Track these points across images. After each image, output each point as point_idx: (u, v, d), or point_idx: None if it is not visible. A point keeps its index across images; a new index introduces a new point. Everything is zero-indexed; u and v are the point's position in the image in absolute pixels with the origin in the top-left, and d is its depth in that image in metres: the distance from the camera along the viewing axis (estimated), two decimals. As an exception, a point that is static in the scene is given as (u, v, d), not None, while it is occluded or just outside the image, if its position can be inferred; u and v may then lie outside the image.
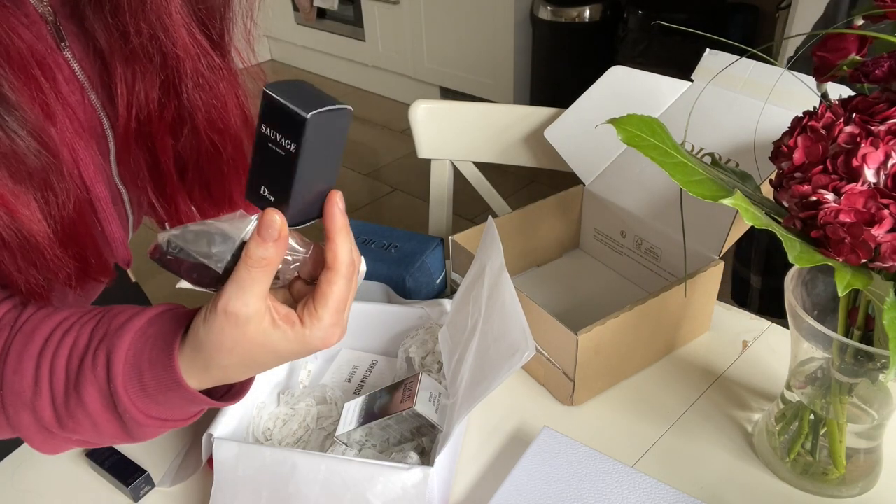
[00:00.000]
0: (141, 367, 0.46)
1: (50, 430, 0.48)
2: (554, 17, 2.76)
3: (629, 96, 0.96)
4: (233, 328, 0.44)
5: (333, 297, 0.45)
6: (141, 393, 0.47)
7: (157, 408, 0.48)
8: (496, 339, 0.60)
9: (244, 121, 0.64)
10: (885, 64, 0.50)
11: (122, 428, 0.48)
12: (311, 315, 0.45)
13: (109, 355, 0.46)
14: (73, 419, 0.47)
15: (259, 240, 0.43)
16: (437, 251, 0.89)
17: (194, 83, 0.59)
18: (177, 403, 0.48)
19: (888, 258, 0.47)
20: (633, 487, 0.62)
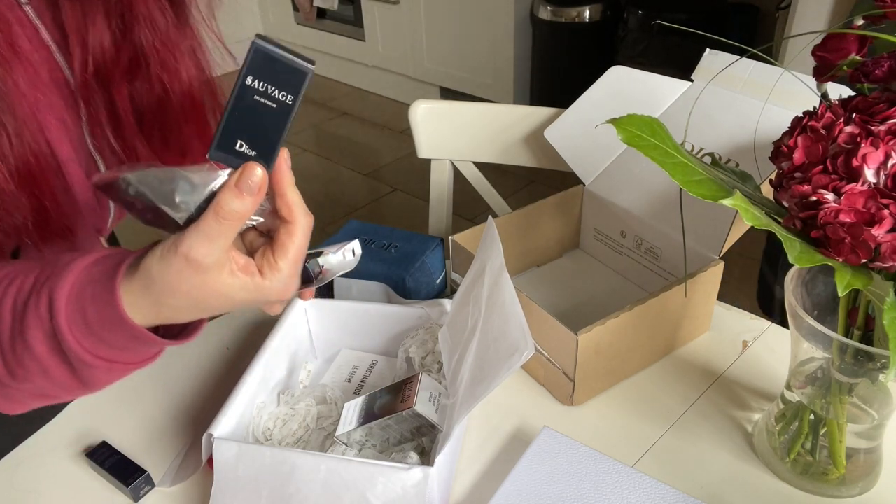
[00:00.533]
0: (83, 304, 0.45)
1: (2, 382, 0.48)
2: (554, 17, 2.76)
3: (629, 96, 0.96)
4: (192, 274, 0.44)
5: (294, 247, 0.46)
6: (85, 330, 0.46)
7: (103, 347, 0.47)
8: (496, 339, 0.60)
9: (200, 71, 0.65)
10: (885, 64, 0.50)
11: (72, 372, 0.47)
12: (272, 266, 0.46)
13: (52, 293, 0.45)
14: (22, 366, 0.47)
15: (236, 191, 0.43)
16: (437, 251, 0.89)
17: (147, 24, 0.59)
18: (123, 342, 0.47)
19: (888, 258, 0.47)
20: (633, 487, 0.62)
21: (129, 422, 0.76)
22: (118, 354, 0.48)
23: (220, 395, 0.78)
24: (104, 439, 0.73)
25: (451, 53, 3.13)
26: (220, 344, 0.87)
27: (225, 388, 0.79)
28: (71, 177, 0.60)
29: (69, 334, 0.45)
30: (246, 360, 0.72)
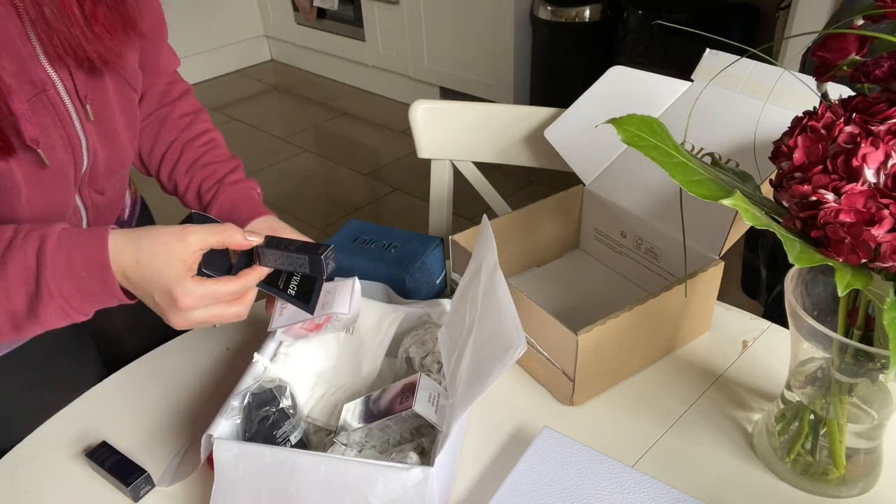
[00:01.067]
0: (71, 246, 0.57)
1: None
2: (554, 17, 2.76)
3: (629, 96, 0.96)
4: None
5: (221, 284, 0.61)
6: (66, 266, 0.57)
7: (71, 283, 0.57)
8: (490, 337, 0.60)
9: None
10: (885, 64, 0.50)
11: (29, 301, 0.57)
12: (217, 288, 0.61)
13: (43, 236, 0.57)
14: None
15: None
16: (437, 251, 0.89)
17: None
18: (91, 283, 0.58)
19: (888, 258, 0.47)
20: (633, 487, 0.62)
21: (129, 422, 0.76)
22: (75, 297, 0.58)
23: (220, 395, 0.78)
24: (104, 439, 0.73)
25: (451, 53, 3.13)
26: (220, 344, 0.87)
27: (225, 388, 0.79)
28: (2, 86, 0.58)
29: (51, 265, 0.56)
30: (246, 360, 0.72)
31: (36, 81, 0.61)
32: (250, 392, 0.66)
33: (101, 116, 0.68)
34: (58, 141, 0.64)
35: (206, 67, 3.88)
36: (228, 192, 0.80)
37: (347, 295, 0.71)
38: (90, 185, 0.72)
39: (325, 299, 0.71)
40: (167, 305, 0.60)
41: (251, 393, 0.66)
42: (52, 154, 0.63)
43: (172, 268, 0.59)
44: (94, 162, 0.69)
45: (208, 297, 0.60)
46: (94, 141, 0.68)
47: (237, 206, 0.79)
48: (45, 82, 0.61)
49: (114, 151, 0.72)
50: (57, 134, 0.64)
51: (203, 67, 3.86)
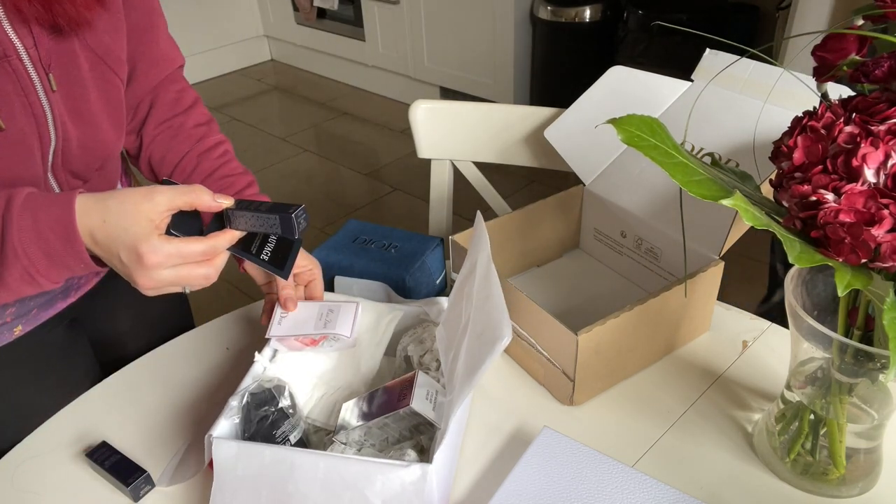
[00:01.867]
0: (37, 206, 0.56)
1: None
2: (554, 17, 2.76)
3: (629, 96, 0.96)
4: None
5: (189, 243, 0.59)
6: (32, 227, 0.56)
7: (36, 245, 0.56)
8: (482, 331, 0.60)
9: None
10: (885, 64, 0.50)
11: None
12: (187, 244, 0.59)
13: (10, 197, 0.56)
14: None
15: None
16: (437, 251, 0.89)
17: None
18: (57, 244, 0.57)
19: (888, 258, 0.47)
20: (633, 487, 0.62)
21: (129, 422, 0.76)
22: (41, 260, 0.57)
23: (220, 395, 0.78)
24: (104, 439, 0.73)
25: (451, 53, 3.13)
26: (220, 344, 0.87)
27: (225, 388, 0.79)
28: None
29: (17, 222, 0.55)
30: (246, 360, 0.72)
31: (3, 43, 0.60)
32: (249, 392, 0.66)
33: (70, 91, 0.67)
34: (19, 109, 0.63)
35: (206, 67, 3.88)
36: None
37: (350, 318, 0.72)
38: (65, 166, 0.70)
39: (327, 318, 0.72)
40: (133, 264, 0.58)
41: (250, 393, 0.66)
42: (11, 121, 0.63)
43: (138, 225, 0.57)
44: (65, 139, 0.68)
45: (175, 256, 0.58)
46: (62, 115, 0.67)
47: None
48: (6, 48, 0.61)
49: (89, 132, 0.71)
50: (18, 102, 0.63)
51: (203, 67, 3.86)
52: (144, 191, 0.58)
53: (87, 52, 0.68)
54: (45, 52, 0.64)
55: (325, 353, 0.75)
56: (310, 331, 0.71)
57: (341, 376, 0.75)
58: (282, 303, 0.73)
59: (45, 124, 0.66)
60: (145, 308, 0.92)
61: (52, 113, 0.66)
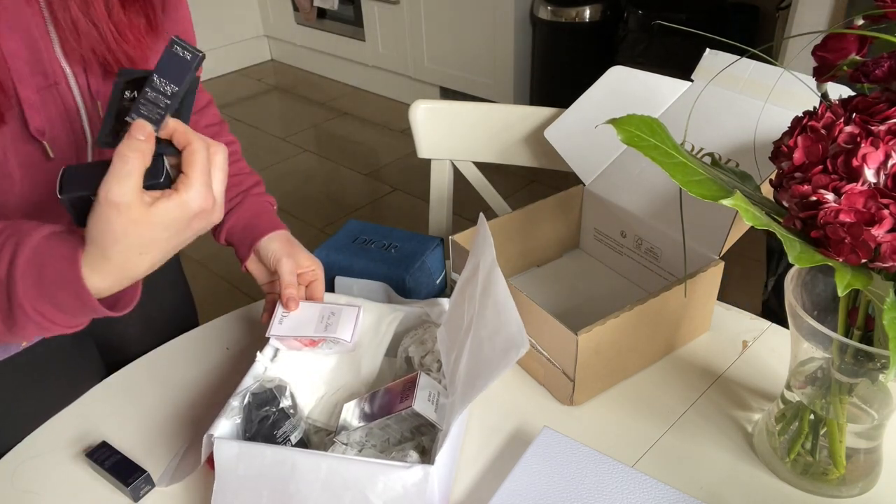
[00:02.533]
0: (43, 260, 0.51)
1: None
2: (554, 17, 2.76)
3: (629, 96, 0.96)
4: (118, 215, 0.49)
5: (196, 158, 0.51)
6: (37, 284, 0.51)
7: (47, 304, 0.52)
8: (490, 336, 0.60)
9: None
10: (885, 64, 0.50)
11: (4, 318, 0.52)
12: (182, 180, 0.51)
13: (17, 245, 0.51)
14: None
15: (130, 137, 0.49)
16: (437, 251, 0.89)
17: None
18: (68, 302, 0.52)
19: (888, 258, 0.47)
20: (633, 487, 0.62)
21: (129, 422, 0.76)
22: (55, 314, 0.53)
23: (221, 395, 0.78)
24: (104, 439, 0.73)
25: (451, 53, 3.13)
26: (220, 344, 0.87)
27: (225, 388, 0.79)
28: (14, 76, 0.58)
29: (20, 281, 0.50)
30: (246, 360, 0.72)
31: (48, 73, 0.61)
32: (250, 392, 0.66)
33: None
34: (62, 134, 0.64)
35: (206, 67, 3.87)
36: (252, 202, 0.83)
37: (352, 322, 0.72)
38: None
39: (328, 321, 0.72)
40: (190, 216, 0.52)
41: (251, 393, 0.66)
42: (55, 147, 0.63)
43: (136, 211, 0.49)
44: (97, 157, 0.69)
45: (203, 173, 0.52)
46: None
47: (258, 216, 0.81)
48: (57, 75, 0.61)
49: None
50: (62, 128, 0.63)
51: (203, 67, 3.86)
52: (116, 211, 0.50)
53: None
54: (94, 79, 0.64)
55: (323, 354, 0.75)
56: (310, 333, 0.71)
57: (342, 377, 0.75)
58: (284, 302, 0.73)
59: (84, 149, 0.66)
60: (152, 310, 0.92)
61: (91, 138, 0.66)
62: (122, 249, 0.51)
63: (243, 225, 0.82)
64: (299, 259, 0.78)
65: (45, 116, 0.61)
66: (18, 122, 0.59)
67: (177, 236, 0.53)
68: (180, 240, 0.53)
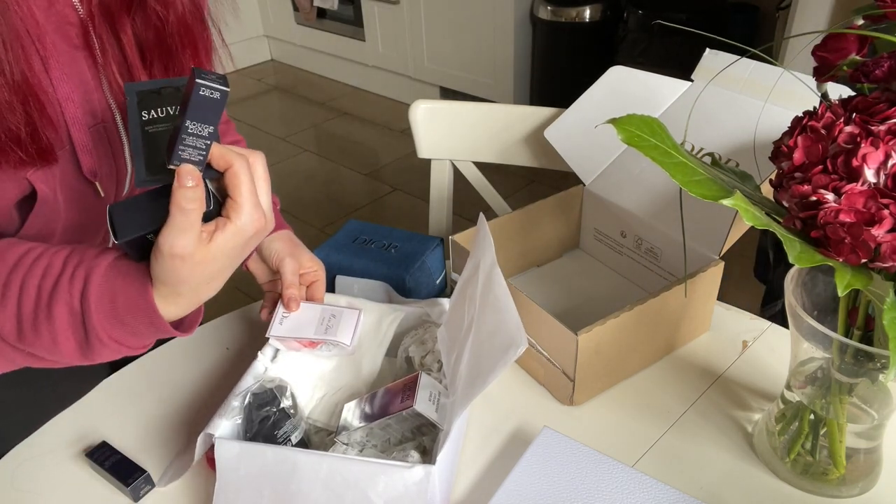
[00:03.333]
0: (115, 289, 0.52)
1: (5, 341, 0.53)
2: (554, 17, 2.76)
3: (629, 96, 0.96)
4: (183, 264, 0.50)
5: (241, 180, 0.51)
6: (111, 312, 0.52)
7: (120, 330, 0.53)
8: (490, 335, 0.60)
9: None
10: (885, 64, 0.50)
11: (80, 346, 0.53)
12: (231, 206, 0.51)
13: (88, 276, 0.52)
14: (36, 332, 0.52)
15: (182, 185, 0.49)
16: (437, 251, 0.89)
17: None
18: (141, 328, 0.53)
19: (888, 258, 0.47)
20: (633, 487, 0.62)
21: (129, 422, 0.76)
22: (129, 339, 0.54)
23: (221, 395, 0.78)
24: (104, 439, 0.73)
25: (451, 53, 3.13)
26: (220, 344, 0.87)
27: (225, 388, 0.79)
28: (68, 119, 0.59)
29: (95, 314, 0.51)
30: (246, 360, 0.72)
31: (97, 113, 0.61)
32: (251, 392, 0.66)
33: None
34: (106, 171, 0.65)
35: (205, 67, 3.88)
36: None
37: (352, 326, 0.72)
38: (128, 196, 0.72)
39: (329, 324, 0.72)
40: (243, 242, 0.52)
41: (252, 393, 0.66)
42: (102, 184, 0.64)
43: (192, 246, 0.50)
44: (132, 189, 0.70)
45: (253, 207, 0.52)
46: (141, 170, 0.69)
47: None
48: (104, 114, 0.62)
49: None
50: (107, 164, 0.64)
51: (203, 67, 3.86)
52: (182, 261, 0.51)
53: None
54: None
55: (323, 357, 0.75)
56: (310, 335, 0.71)
57: (342, 377, 0.75)
58: (285, 303, 0.73)
59: (123, 181, 0.67)
60: None
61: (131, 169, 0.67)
62: (191, 286, 0.53)
63: None
64: (302, 259, 0.77)
65: (96, 156, 0.62)
66: (70, 162, 0.60)
67: (239, 258, 0.54)
68: (242, 258, 0.55)
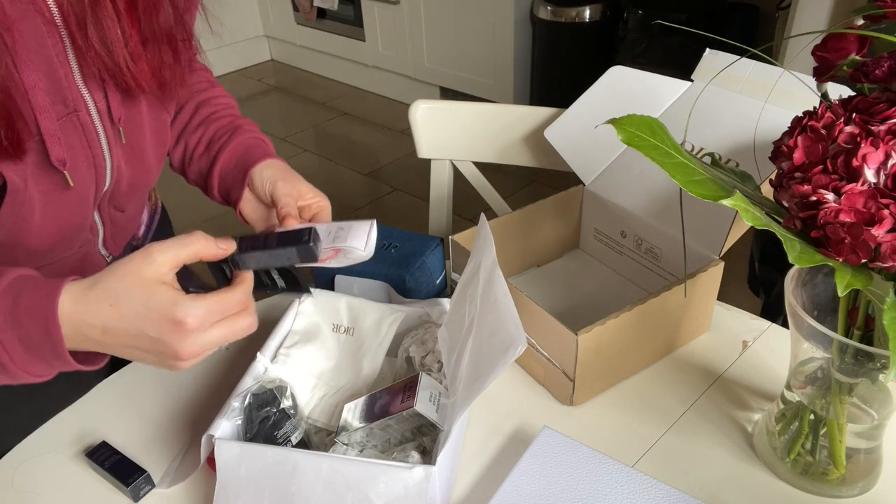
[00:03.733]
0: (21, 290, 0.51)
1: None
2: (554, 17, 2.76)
3: (629, 96, 0.96)
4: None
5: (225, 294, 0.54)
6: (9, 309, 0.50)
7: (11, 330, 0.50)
8: (490, 335, 0.60)
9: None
10: (885, 64, 0.50)
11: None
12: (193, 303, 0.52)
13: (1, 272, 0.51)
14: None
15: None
16: (437, 251, 0.89)
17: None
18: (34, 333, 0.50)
19: (888, 258, 0.47)
20: (633, 487, 0.62)
21: (129, 422, 0.76)
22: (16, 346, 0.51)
23: (221, 395, 0.78)
24: (104, 439, 0.73)
25: (451, 53, 3.13)
26: (221, 344, 0.87)
27: (225, 388, 0.79)
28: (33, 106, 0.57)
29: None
30: (246, 360, 0.72)
31: (68, 101, 0.60)
32: (251, 393, 0.66)
33: (133, 139, 0.67)
34: (82, 162, 0.63)
35: (207, 67, 3.88)
36: (243, 137, 0.76)
37: (364, 233, 0.66)
38: (111, 203, 0.71)
39: (337, 234, 0.66)
40: (171, 334, 0.51)
41: (252, 394, 0.66)
42: (75, 175, 0.62)
43: (157, 293, 0.51)
44: (116, 181, 0.68)
45: (216, 312, 0.53)
46: (120, 161, 0.67)
47: (250, 150, 0.75)
48: (77, 102, 0.61)
49: (139, 171, 0.70)
50: (82, 154, 0.63)
51: (203, 67, 3.86)
52: (139, 256, 0.52)
53: (151, 100, 0.67)
54: (116, 105, 0.63)
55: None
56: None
57: (342, 377, 0.75)
58: (281, 219, 0.69)
59: (103, 174, 0.65)
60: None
61: (111, 162, 0.66)
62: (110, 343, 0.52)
63: (235, 162, 0.75)
64: (300, 188, 0.71)
65: (66, 146, 0.60)
66: (39, 152, 0.59)
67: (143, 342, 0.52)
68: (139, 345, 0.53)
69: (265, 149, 0.76)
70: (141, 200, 0.78)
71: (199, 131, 0.77)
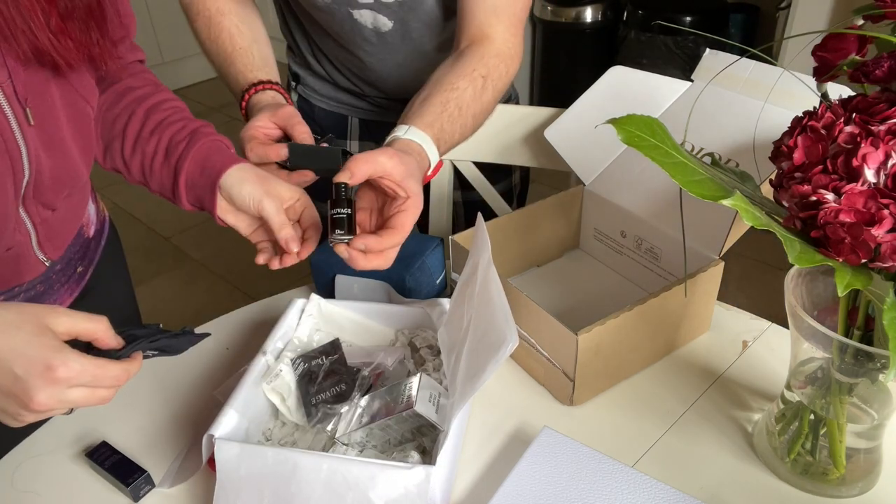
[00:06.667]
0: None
1: None
2: (554, 18, 2.76)
3: (629, 96, 0.96)
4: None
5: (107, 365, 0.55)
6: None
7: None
8: (485, 334, 0.60)
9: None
10: (885, 64, 0.50)
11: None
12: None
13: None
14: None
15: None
16: (437, 251, 0.89)
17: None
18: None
19: (888, 258, 0.47)
20: (633, 487, 0.62)
21: (129, 422, 0.76)
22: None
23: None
24: (104, 439, 0.73)
25: (451, 53, 3.12)
26: (220, 344, 0.87)
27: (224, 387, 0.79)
28: None
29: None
30: (246, 360, 0.72)
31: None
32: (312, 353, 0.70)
33: (45, 123, 0.64)
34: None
35: (205, 68, 3.86)
36: (202, 142, 0.74)
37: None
38: (36, 198, 0.67)
39: None
40: (34, 378, 0.51)
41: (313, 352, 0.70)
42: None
43: (46, 337, 0.52)
44: (37, 172, 0.65)
45: (89, 374, 0.53)
46: (37, 149, 0.64)
47: (211, 155, 0.73)
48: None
49: (61, 162, 0.67)
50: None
51: (203, 67, 3.85)
52: (47, 306, 0.54)
53: (62, 84, 0.65)
54: (21, 85, 0.61)
55: None
56: None
57: None
58: (284, 247, 0.70)
59: (19, 159, 0.63)
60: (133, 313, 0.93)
61: (26, 147, 0.63)
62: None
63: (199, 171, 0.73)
64: (279, 192, 0.71)
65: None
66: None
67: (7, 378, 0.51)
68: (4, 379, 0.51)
69: (226, 152, 0.75)
70: (74, 200, 0.75)
71: (154, 139, 0.75)
